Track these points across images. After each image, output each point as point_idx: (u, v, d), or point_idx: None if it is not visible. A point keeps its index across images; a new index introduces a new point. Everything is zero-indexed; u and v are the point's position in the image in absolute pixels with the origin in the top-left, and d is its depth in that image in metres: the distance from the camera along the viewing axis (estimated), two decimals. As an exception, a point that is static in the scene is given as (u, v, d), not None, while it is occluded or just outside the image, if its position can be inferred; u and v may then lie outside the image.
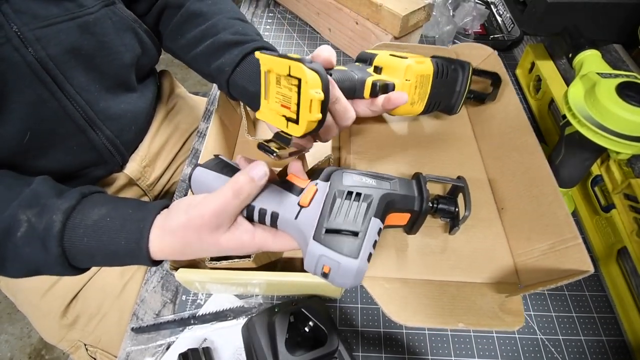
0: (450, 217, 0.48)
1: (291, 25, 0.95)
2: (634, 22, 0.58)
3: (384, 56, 0.47)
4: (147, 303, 0.52)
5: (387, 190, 0.38)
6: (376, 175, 0.40)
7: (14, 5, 0.42)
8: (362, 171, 0.40)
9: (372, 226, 0.35)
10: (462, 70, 0.53)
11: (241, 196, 0.35)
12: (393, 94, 0.45)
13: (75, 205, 0.37)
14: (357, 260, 0.33)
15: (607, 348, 0.48)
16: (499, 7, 0.93)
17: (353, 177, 0.38)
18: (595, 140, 0.42)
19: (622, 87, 0.41)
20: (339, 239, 0.34)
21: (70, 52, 0.47)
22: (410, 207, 0.40)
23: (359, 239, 0.34)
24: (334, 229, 0.34)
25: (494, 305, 0.42)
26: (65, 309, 0.59)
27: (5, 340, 1.30)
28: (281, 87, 0.36)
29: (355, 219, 0.35)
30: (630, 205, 0.50)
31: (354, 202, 0.36)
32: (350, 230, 0.34)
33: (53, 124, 0.49)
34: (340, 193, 0.36)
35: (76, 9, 0.47)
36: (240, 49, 0.52)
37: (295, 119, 0.36)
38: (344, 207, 0.35)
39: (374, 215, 0.35)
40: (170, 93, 0.75)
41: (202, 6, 0.57)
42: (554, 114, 0.69)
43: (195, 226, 0.34)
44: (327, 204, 0.36)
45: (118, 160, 0.59)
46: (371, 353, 0.47)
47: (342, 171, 0.38)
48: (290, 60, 0.34)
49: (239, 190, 0.34)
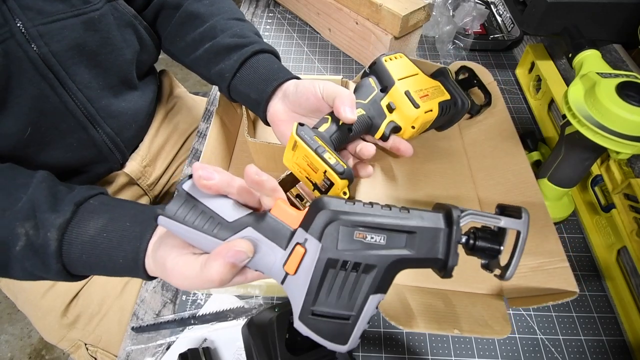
0: (489, 259, 0.33)
1: (291, 25, 0.95)
2: (634, 22, 0.58)
3: (399, 94, 0.48)
4: (147, 303, 0.52)
5: (398, 256, 0.29)
6: (386, 225, 0.30)
7: (20, 1, 0.42)
8: (367, 214, 0.30)
9: (370, 305, 0.30)
10: (462, 109, 0.54)
11: (223, 283, 0.30)
12: (402, 146, 0.48)
13: (70, 218, 0.37)
14: (345, 347, 0.30)
15: (607, 348, 0.48)
16: (499, 7, 0.93)
17: (353, 233, 0.29)
18: (595, 140, 0.42)
19: (622, 87, 0.41)
20: (328, 324, 0.30)
21: (74, 48, 0.48)
22: (432, 265, 0.31)
23: (351, 324, 0.30)
24: (321, 313, 0.30)
25: (483, 314, 0.44)
26: (65, 308, 0.59)
27: (5, 341, 1.30)
28: (309, 163, 0.40)
29: (349, 298, 0.30)
30: (631, 205, 0.50)
31: (352, 273, 0.29)
32: (342, 314, 0.30)
33: (54, 119, 0.49)
34: (333, 263, 0.29)
35: (82, 5, 0.47)
36: (239, 54, 0.51)
37: (321, 191, 0.41)
38: (336, 283, 0.29)
39: (375, 292, 0.30)
40: (170, 93, 0.75)
41: (199, 7, 0.57)
42: (554, 113, 0.69)
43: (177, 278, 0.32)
44: (316, 277, 0.29)
45: (118, 157, 0.59)
46: (371, 353, 0.47)
47: (338, 224, 0.29)
48: (326, 165, 0.38)
49: (219, 281, 0.29)
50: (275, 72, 0.50)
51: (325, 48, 0.89)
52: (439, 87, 0.52)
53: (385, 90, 0.49)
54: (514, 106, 0.75)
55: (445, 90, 0.52)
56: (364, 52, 0.82)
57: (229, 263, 0.29)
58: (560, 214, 0.55)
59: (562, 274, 0.43)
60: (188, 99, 0.79)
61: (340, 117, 0.42)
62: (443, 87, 0.53)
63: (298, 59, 0.86)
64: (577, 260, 0.55)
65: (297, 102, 0.47)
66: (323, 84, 0.44)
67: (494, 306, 0.45)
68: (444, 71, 0.55)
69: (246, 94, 0.51)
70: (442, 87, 0.52)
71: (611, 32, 0.62)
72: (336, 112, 0.42)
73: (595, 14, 0.59)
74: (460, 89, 0.54)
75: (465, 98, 0.53)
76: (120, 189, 0.63)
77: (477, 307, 0.45)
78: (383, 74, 0.49)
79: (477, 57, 0.86)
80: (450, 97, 0.52)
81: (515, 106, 0.75)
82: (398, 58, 0.51)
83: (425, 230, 0.30)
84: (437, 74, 0.55)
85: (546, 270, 0.44)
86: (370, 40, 0.78)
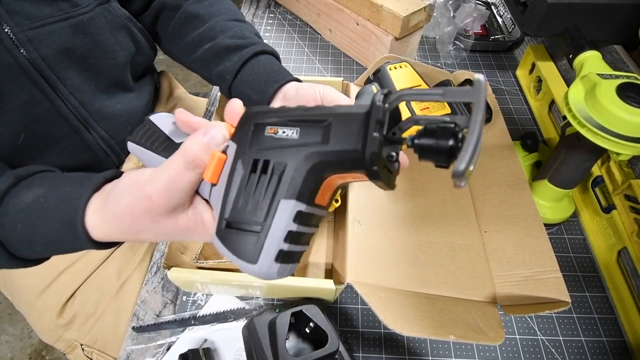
0: (444, 160, 0.23)
1: (292, 26, 0.95)
2: (635, 23, 0.58)
3: (400, 105, 0.48)
4: (147, 303, 0.52)
5: (311, 149, 0.25)
6: (306, 116, 0.26)
7: (7, 7, 0.42)
8: (284, 111, 0.27)
9: (282, 212, 0.25)
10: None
11: (196, 168, 0.28)
12: (401, 158, 0.48)
13: (6, 189, 0.35)
14: (255, 266, 0.25)
15: (608, 349, 0.48)
16: (499, 8, 0.93)
17: (265, 129, 0.26)
18: (596, 141, 0.42)
19: (623, 88, 0.41)
20: (239, 236, 0.26)
21: (63, 52, 0.47)
22: (357, 166, 0.24)
23: (261, 235, 0.25)
24: (234, 225, 0.26)
25: (478, 321, 0.44)
26: (61, 308, 0.59)
27: (5, 341, 1.30)
28: None
29: (260, 205, 0.25)
30: (631, 206, 0.50)
31: (262, 175, 0.26)
32: (252, 224, 0.26)
33: (47, 125, 0.49)
34: (246, 163, 0.26)
35: (70, 8, 0.47)
36: (239, 55, 0.51)
37: None
38: (249, 187, 0.26)
39: (286, 196, 0.25)
40: (169, 94, 0.75)
41: (199, 8, 0.57)
42: (554, 114, 0.69)
43: (144, 210, 0.29)
44: (229, 183, 0.27)
45: (114, 160, 0.59)
46: (372, 354, 0.47)
47: (252, 122, 0.27)
48: None
49: (192, 161, 0.28)
50: (275, 73, 0.50)
51: (326, 49, 0.89)
52: None
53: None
54: (515, 107, 0.75)
55: (446, 104, 0.53)
56: (364, 52, 0.82)
57: (203, 142, 0.28)
58: (561, 215, 0.55)
59: (555, 284, 0.43)
60: (188, 100, 0.79)
61: None
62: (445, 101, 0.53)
63: (299, 60, 0.86)
64: (577, 261, 0.55)
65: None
66: (323, 89, 0.44)
67: (488, 313, 0.46)
68: (447, 84, 0.55)
69: (247, 96, 0.51)
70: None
71: (612, 33, 0.62)
72: None
73: (596, 15, 0.59)
74: (462, 104, 0.54)
75: (466, 114, 0.54)
76: None
77: (472, 314, 0.45)
78: (386, 82, 0.49)
79: (478, 58, 0.86)
80: (451, 111, 0.52)
81: (515, 107, 0.75)
82: (403, 67, 0.51)
83: (341, 118, 0.25)
84: (440, 85, 0.55)
85: (539, 279, 0.45)
86: (371, 41, 0.78)
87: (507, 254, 0.50)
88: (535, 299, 0.44)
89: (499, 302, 0.48)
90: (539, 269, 0.46)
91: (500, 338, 0.42)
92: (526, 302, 0.45)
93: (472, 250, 0.53)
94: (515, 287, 0.47)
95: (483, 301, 0.49)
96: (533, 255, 0.47)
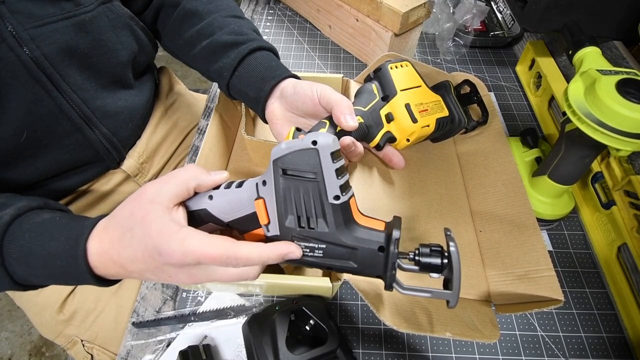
0: (438, 272, 0.33)
1: (291, 22, 0.95)
2: (634, 18, 0.58)
3: (399, 106, 0.48)
4: (147, 300, 0.52)
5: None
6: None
7: (10, 6, 0.42)
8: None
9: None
10: (458, 126, 0.55)
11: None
12: (394, 158, 0.50)
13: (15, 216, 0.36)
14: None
15: (608, 344, 0.48)
16: (499, 4, 0.93)
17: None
18: (595, 137, 0.42)
19: (622, 84, 0.41)
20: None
21: (65, 51, 0.47)
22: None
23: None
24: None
25: (473, 319, 0.44)
26: (62, 304, 0.59)
27: (5, 338, 1.30)
28: None
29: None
30: (631, 202, 0.50)
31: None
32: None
33: (49, 122, 0.49)
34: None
35: (73, 7, 0.47)
36: (236, 52, 0.51)
37: None
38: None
39: None
40: (169, 90, 0.75)
41: (197, 5, 0.57)
42: (554, 110, 0.68)
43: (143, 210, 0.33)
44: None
45: (115, 157, 0.59)
46: (372, 350, 0.47)
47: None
48: None
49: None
50: (273, 70, 0.50)
51: (326, 45, 0.89)
52: (439, 103, 0.52)
53: (387, 100, 0.49)
54: (515, 103, 0.75)
55: (444, 106, 0.53)
56: (364, 49, 0.81)
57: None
58: (561, 211, 0.55)
59: (548, 282, 0.44)
60: (188, 96, 0.79)
61: (341, 126, 0.42)
62: (443, 103, 0.53)
63: (298, 56, 0.86)
64: (577, 257, 0.55)
65: (294, 104, 0.47)
66: (321, 88, 0.44)
67: (483, 311, 0.46)
68: (447, 85, 0.55)
69: (245, 92, 0.51)
70: (442, 103, 0.53)
71: (611, 28, 0.62)
72: (336, 121, 0.43)
73: (595, 11, 0.59)
74: (460, 106, 0.55)
75: (462, 116, 0.54)
76: (118, 186, 0.63)
77: (467, 312, 0.46)
78: (386, 82, 0.49)
79: (478, 54, 0.86)
80: (449, 114, 0.53)
81: (515, 103, 0.75)
82: (404, 66, 0.51)
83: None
84: (440, 86, 0.56)
85: (532, 278, 0.45)
86: (371, 37, 0.77)
87: (501, 253, 0.50)
88: (529, 297, 0.45)
89: (493, 301, 0.49)
90: (532, 267, 0.46)
91: (496, 336, 0.42)
92: (520, 300, 0.46)
93: (467, 249, 0.54)
94: (510, 285, 0.48)
95: (478, 300, 0.49)
96: (527, 254, 0.47)
